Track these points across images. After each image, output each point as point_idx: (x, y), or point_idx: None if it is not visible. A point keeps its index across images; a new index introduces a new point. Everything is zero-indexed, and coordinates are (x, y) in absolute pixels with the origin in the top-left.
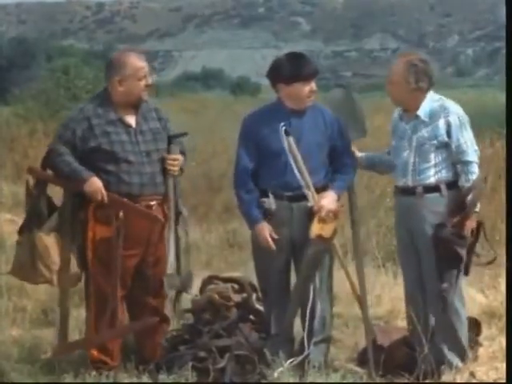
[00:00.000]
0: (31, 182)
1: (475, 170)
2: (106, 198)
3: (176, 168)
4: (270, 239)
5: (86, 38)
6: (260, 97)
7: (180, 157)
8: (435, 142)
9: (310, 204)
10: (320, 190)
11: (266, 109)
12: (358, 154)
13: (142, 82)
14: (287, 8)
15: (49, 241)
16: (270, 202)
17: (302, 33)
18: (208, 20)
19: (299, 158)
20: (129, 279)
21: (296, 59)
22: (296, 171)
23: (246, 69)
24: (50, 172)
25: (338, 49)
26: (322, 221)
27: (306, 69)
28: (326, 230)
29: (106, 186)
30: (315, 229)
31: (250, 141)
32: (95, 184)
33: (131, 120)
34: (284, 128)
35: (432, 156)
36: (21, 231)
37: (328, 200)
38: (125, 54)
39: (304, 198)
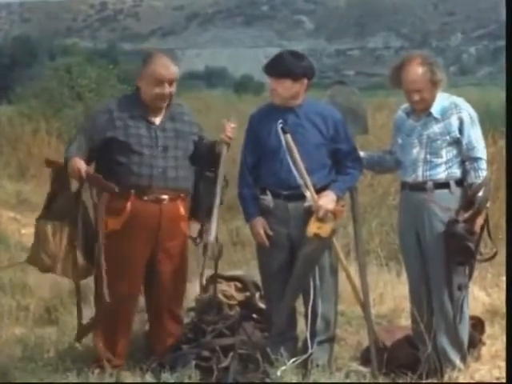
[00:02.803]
0: (52, 173)
1: (484, 166)
2: (84, 176)
3: (232, 135)
4: (263, 235)
5: (89, 36)
6: (263, 95)
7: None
8: (447, 137)
9: (307, 204)
10: (320, 190)
11: (267, 107)
12: (360, 154)
13: (155, 89)
14: (290, 6)
15: (49, 229)
16: (268, 200)
17: (306, 31)
18: (211, 18)
19: (297, 156)
20: (139, 277)
21: (281, 55)
22: (294, 169)
23: (250, 67)
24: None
25: (341, 47)
26: (320, 220)
27: (277, 65)
28: (324, 230)
29: (117, 176)
30: (312, 228)
31: (251, 138)
32: (74, 164)
33: (156, 118)
34: (281, 126)
35: (443, 152)
36: (35, 220)
37: (326, 200)
38: (156, 55)
39: (301, 197)
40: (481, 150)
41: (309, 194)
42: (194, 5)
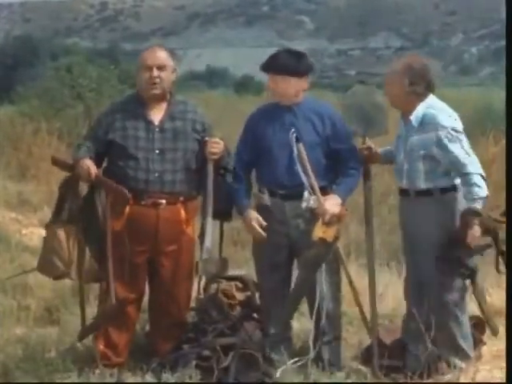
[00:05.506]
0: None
1: (477, 180)
2: (93, 177)
3: (216, 151)
4: (257, 227)
5: (89, 36)
6: (264, 95)
7: (222, 142)
8: (422, 152)
9: (304, 204)
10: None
11: (265, 107)
12: (378, 150)
13: (144, 76)
14: (291, 6)
15: (62, 233)
16: (266, 199)
17: (307, 31)
18: (212, 18)
19: (308, 165)
20: (143, 279)
21: (284, 53)
22: (303, 177)
23: (251, 67)
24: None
25: (342, 47)
26: (325, 224)
27: (283, 63)
28: (329, 234)
29: (117, 180)
30: (318, 232)
31: (247, 135)
32: (84, 164)
33: (156, 117)
34: (295, 135)
35: (420, 164)
36: (45, 227)
37: (332, 203)
38: (150, 47)
39: (297, 197)
40: (470, 165)
41: (310, 196)
42: (195, 5)
